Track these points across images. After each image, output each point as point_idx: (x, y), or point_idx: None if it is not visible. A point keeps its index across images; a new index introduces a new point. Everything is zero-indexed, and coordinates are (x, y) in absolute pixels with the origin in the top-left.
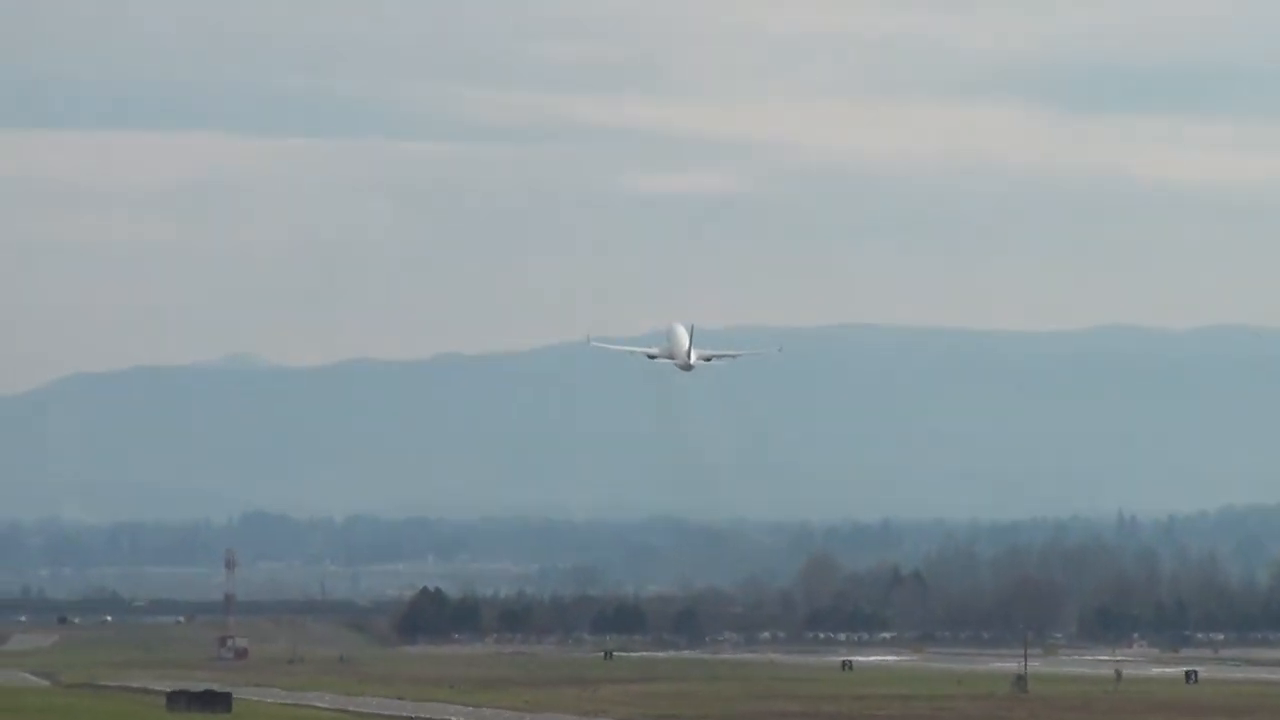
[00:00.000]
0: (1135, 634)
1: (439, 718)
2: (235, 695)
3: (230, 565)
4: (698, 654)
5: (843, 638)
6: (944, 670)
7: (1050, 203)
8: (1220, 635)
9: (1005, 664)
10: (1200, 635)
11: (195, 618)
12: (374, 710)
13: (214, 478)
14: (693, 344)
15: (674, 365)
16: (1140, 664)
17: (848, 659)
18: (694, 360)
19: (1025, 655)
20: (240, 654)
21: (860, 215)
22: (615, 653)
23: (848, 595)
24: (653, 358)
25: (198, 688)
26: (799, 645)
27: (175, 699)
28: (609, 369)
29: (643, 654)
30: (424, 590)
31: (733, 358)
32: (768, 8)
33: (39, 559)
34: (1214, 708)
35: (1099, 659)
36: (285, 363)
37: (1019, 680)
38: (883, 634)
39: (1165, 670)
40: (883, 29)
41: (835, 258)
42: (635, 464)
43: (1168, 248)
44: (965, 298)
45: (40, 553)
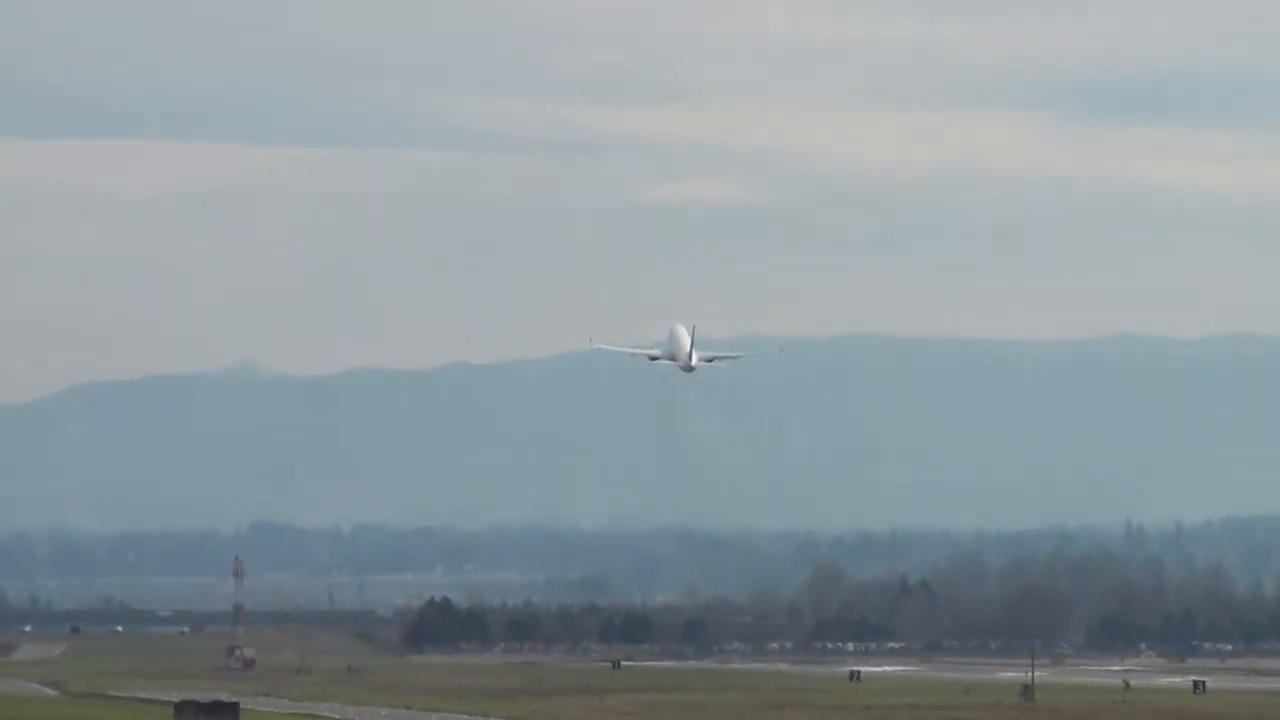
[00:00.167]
0: (1142, 643)
1: None
2: (243, 705)
3: (238, 575)
4: (705, 664)
5: (850, 648)
6: (951, 680)
7: (1059, 212)
8: (1228, 645)
9: (1012, 674)
10: (1207, 645)
11: (204, 628)
12: None
13: (222, 487)
14: (694, 345)
15: (676, 366)
16: (1147, 674)
17: (855, 669)
18: (695, 362)
19: (1033, 665)
20: (248, 664)
21: (867, 224)
22: (623, 662)
23: (855, 605)
24: (654, 359)
25: (206, 698)
26: (807, 655)
27: (183, 709)
28: (617, 379)
29: (650, 664)
30: (432, 600)
31: (734, 359)
32: (774, 17)
33: (46, 568)
34: (1221, 717)
35: (1106, 669)
36: (293, 372)
37: (1026, 690)
38: (890, 644)
39: (1172, 680)
40: (889, 38)
41: (841, 266)
42: (643, 474)
43: (1174, 256)
44: (972, 307)
45: (48, 562)
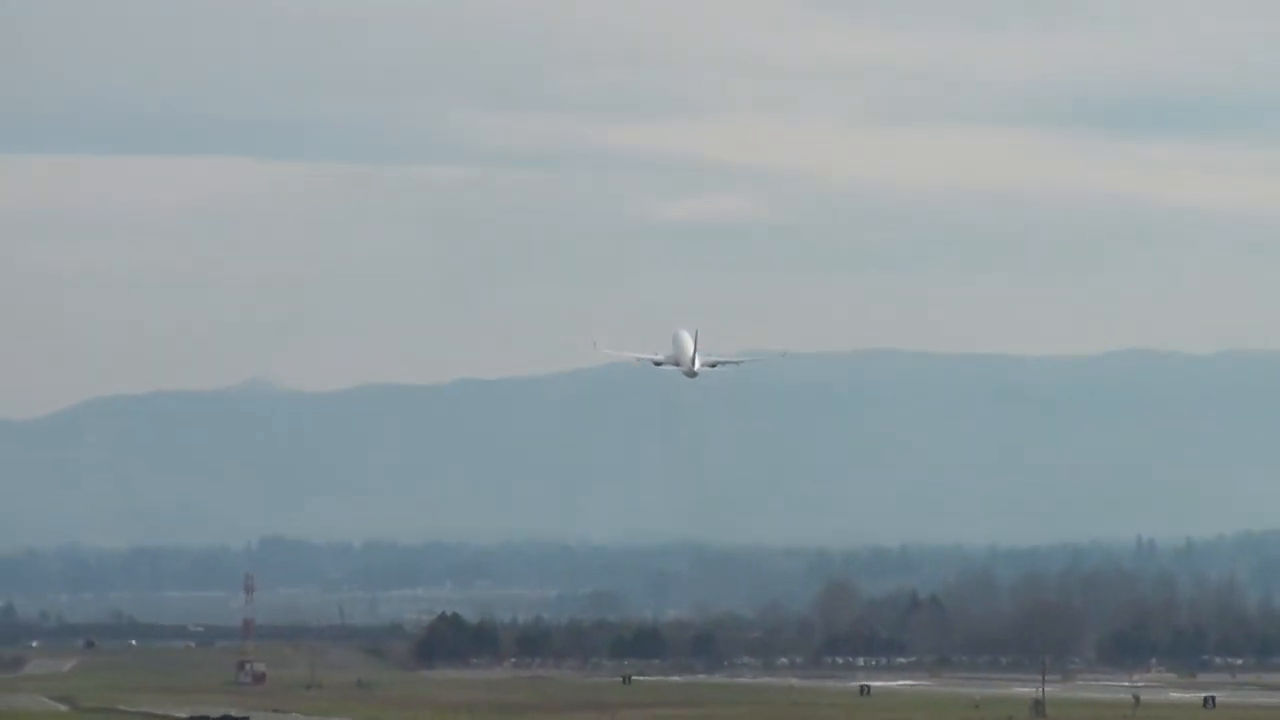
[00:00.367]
0: (1153, 659)
1: None
2: None
3: (249, 590)
4: (716, 679)
5: (861, 663)
6: (962, 695)
7: (1070, 228)
8: (1238, 660)
9: (1023, 689)
10: (1218, 660)
11: (214, 643)
12: None
13: (233, 503)
14: (697, 350)
15: (680, 371)
16: (1158, 689)
17: (866, 684)
18: (698, 366)
19: (1043, 680)
20: (259, 679)
21: (878, 239)
22: (634, 677)
23: (866, 620)
24: (658, 364)
25: (216, 713)
26: (817, 670)
27: None
28: (629, 395)
29: (661, 679)
30: (442, 615)
31: (736, 364)
32: (786, 34)
33: (58, 584)
34: None
35: (1117, 684)
36: (304, 388)
37: (1037, 705)
38: (900, 659)
39: (1183, 695)
40: (901, 55)
41: (849, 282)
42: (654, 489)
43: (1184, 272)
44: (982, 322)
45: (60, 577)
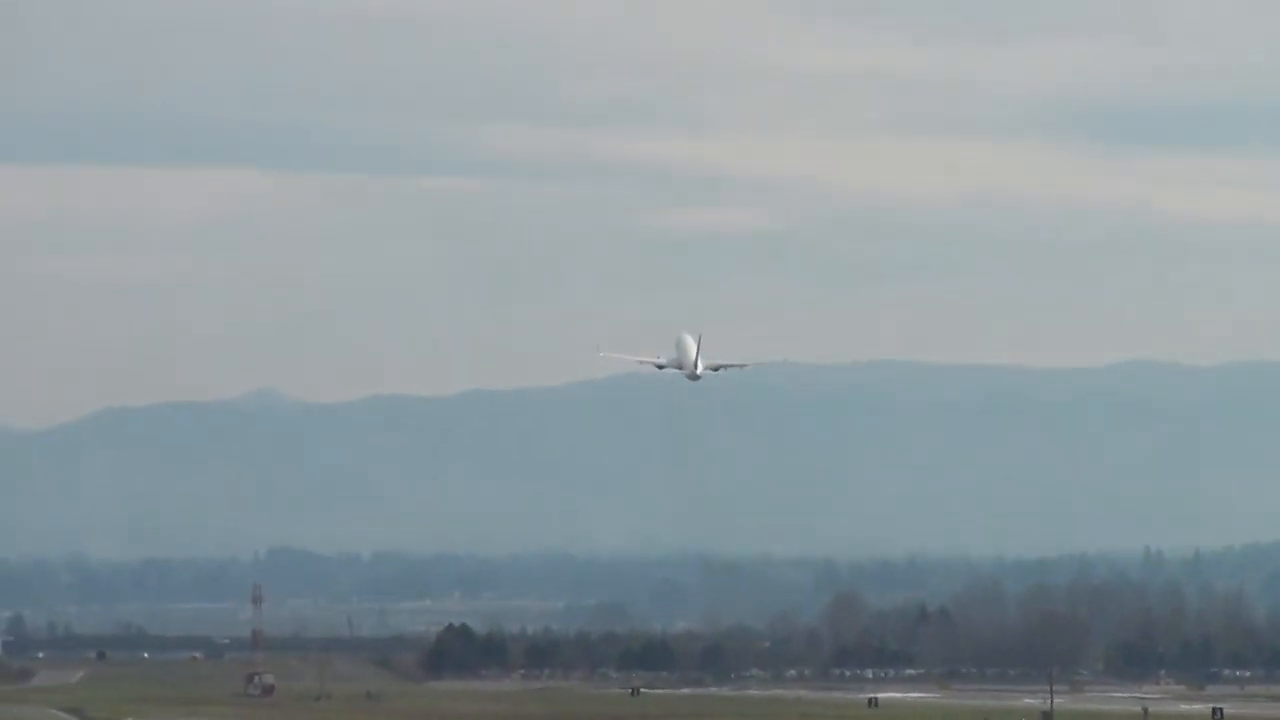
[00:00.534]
0: (1161, 670)
1: None
2: None
3: (257, 601)
4: (724, 690)
5: (869, 674)
6: (970, 707)
7: (1075, 239)
8: (1246, 672)
9: (1031, 700)
10: (1227, 672)
11: (223, 655)
12: None
13: (241, 514)
14: (700, 353)
15: (683, 375)
16: (1166, 701)
17: (874, 696)
18: (701, 370)
19: (1051, 692)
20: (267, 690)
21: (887, 252)
22: (642, 689)
23: (874, 632)
24: (661, 367)
25: None
26: (825, 682)
27: None
28: (636, 406)
29: (669, 690)
30: (450, 626)
31: (740, 367)
32: (796, 44)
33: (67, 595)
34: None
35: (1125, 696)
36: (312, 399)
37: (1045, 717)
38: (909, 670)
39: (1191, 707)
40: (911, 66)
41: (861, 294)
42: (662, 501)
43: (1191, 283)
44: (990, 333)
45: (68, 589)
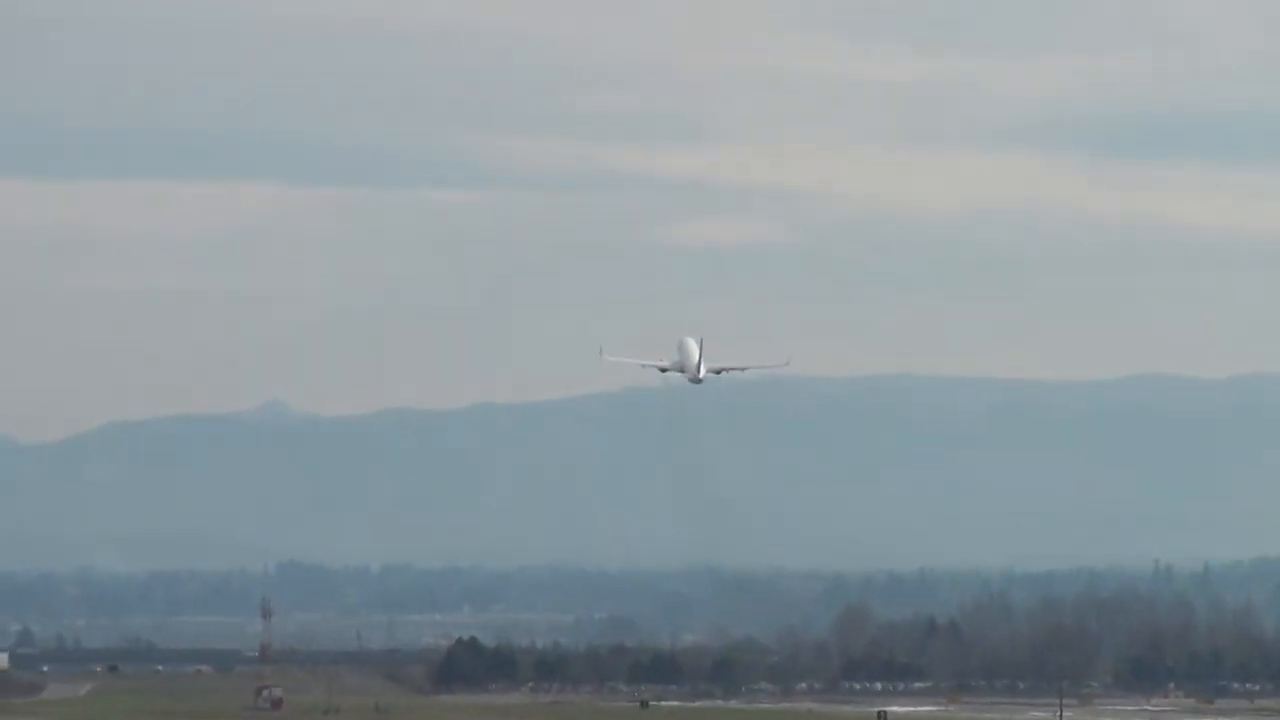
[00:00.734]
0: (1170, 684)
1: None
2: None
3: (266, 615)
4: (733, 704)
5: (878, 687)
6: None
7: (1086, 251)
8: (1256, 685)
9: (1040, 713)
10: (1236, 685)
11: (232, 668)
12: None
13: (250, 527)
14: (702, 357)
15: (685, 378)
16: (1175, 714)
17: (883, 709)
18: (703, 373)
19: (1060, 705)
20: (276, 704)
21: (897, 264)
22: (651, 702)
23: (883, 645)
24: (664, 370)
25: None
26: (835, 695)
27: None
28: (645, 418)
29: (679, 704)
30: (460, 640)
31: (741, 371)
32: (801, 56)
33: (74, 608)
34: None
35: (1134, 709)
36: (321, 412)
37: None
38: (918, 683)
39: None
40: (918, 77)
41: (866, 306)
42: (671, 514)
43: (1201, 295)
44: (1000, 347)
45: (76, 602)
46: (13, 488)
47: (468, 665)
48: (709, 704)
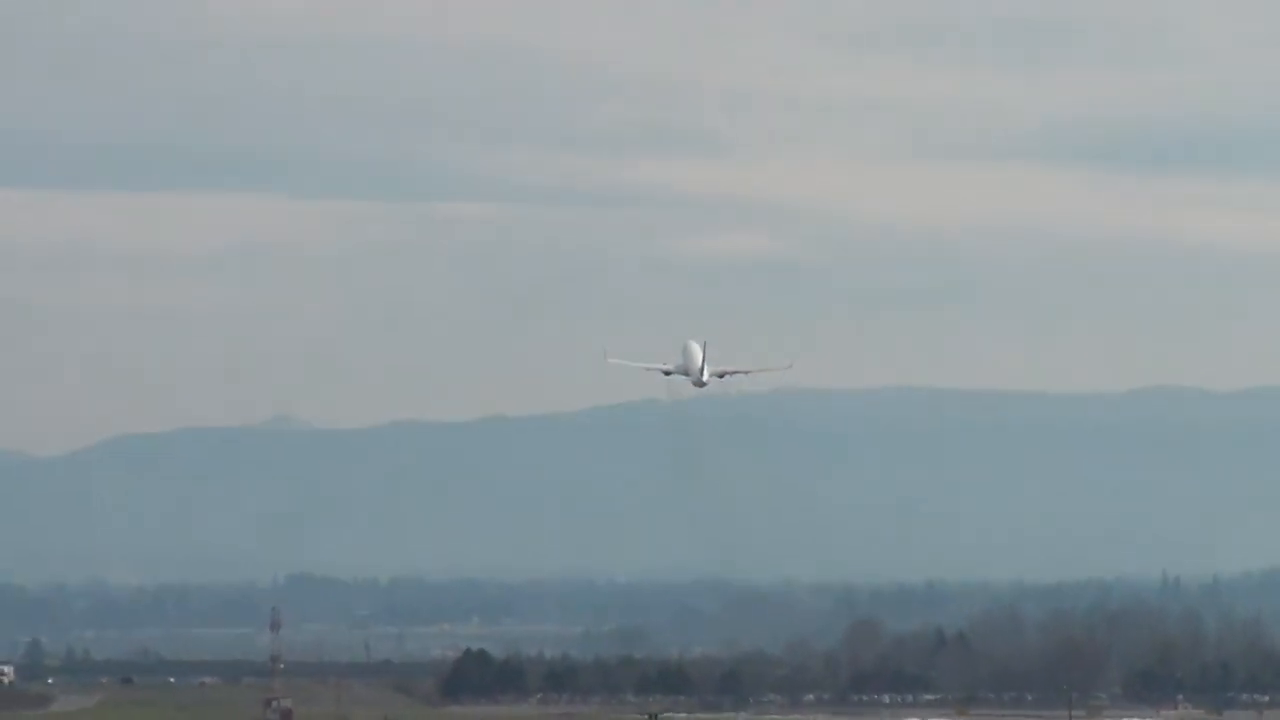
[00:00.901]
0: (1179, 695)
1: None
2: None
3: (275, 626)
4: (742, 716)
5: (887, 700)
6: None
7: (1094, 265)
8: (1265, 697)
9: None
10: (1245, 697)
11: (240, 679)
12: None
13: (259, 539)
14: (706, 360)
15: (688, 381)
16: None
17: None
18: (707, 377)
19: (1070, 717)
20: (285, 715)
21: (902, 277)
22: (660, 714)
23: (892, 657)
24: (668, 374)
25: None
26: (844, 707)
27: None
28: (654, 431)
29: (688, 715)
30: (469, 651)
31: (745, 374)
32: (810, 70)
33: (84, 621)
34: None
35: None
36: (330, 425)
37: None
38: (927, 696)
39: None
40: (930, 93)
41: (876, 319)
42: (680, 527)
43: (1210, 308)
44: (1008, 360)
45: (86, 614)
46: (24, 501)
47: (477, 677)
48: (718, 715)
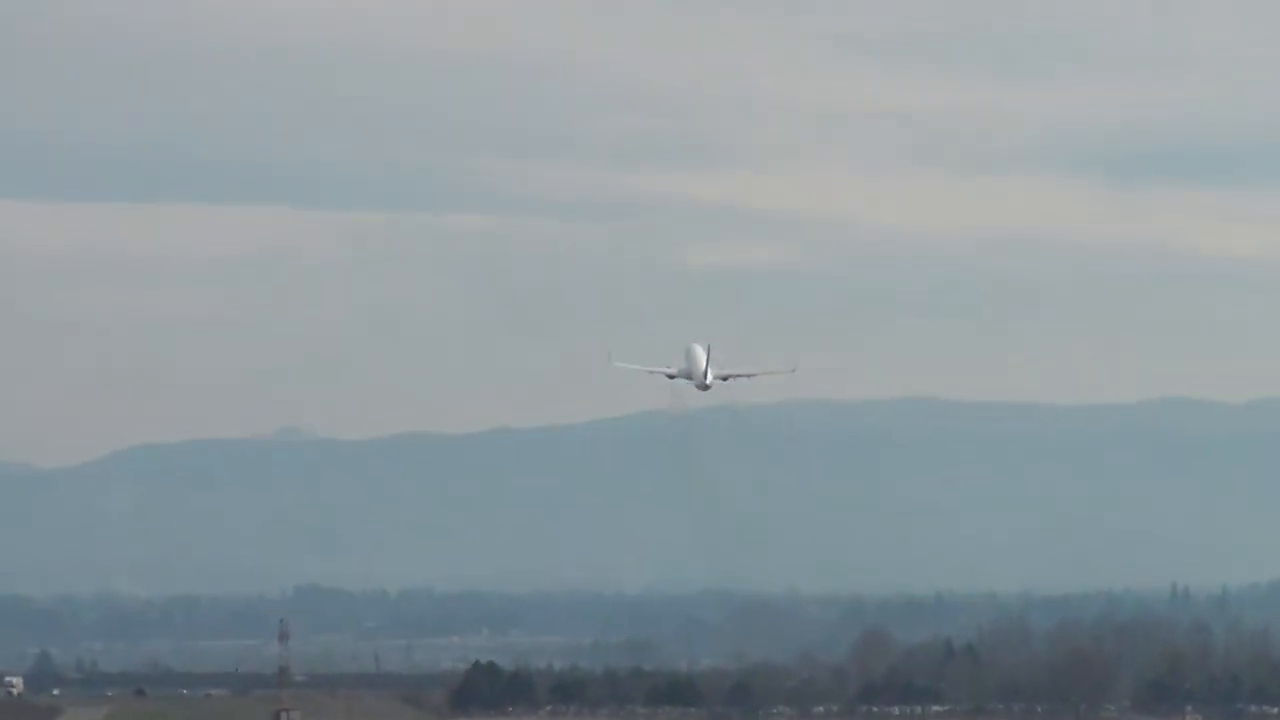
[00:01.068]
0: (1188, 707)
1: None
2: None
3: (284, 638)
4: None
5: (896, 711)
6: None
7: (1103, 276)
8: (1274, 708)
9: None
10: (1254, 708)
11: (250, 691)
12: None
13: (268, 551)
14: (709, 364)
15: (692, 385)
16: None
17: None
18: (710, 380)
19: None
20: None
21: (909, 287)
22: None
23: (901, 669)
24: (672, 377)
25: None
26: (852, 719)
27: None
28: (660, 442)
29: None
30: (478, 663)
31: (749, 377)
32: (818, 81)
33: (93, 633)
34: None
35: None
36: (338, 436)
37: None
38: (936, 707)
39: None
40: (933, 103)
41: (883, 329)
42: (688, 538)
43: (1219, 319)
44: (1017, 370)
45: (94, 626)
46: (32, 512)
47: (486, 688)
48: None
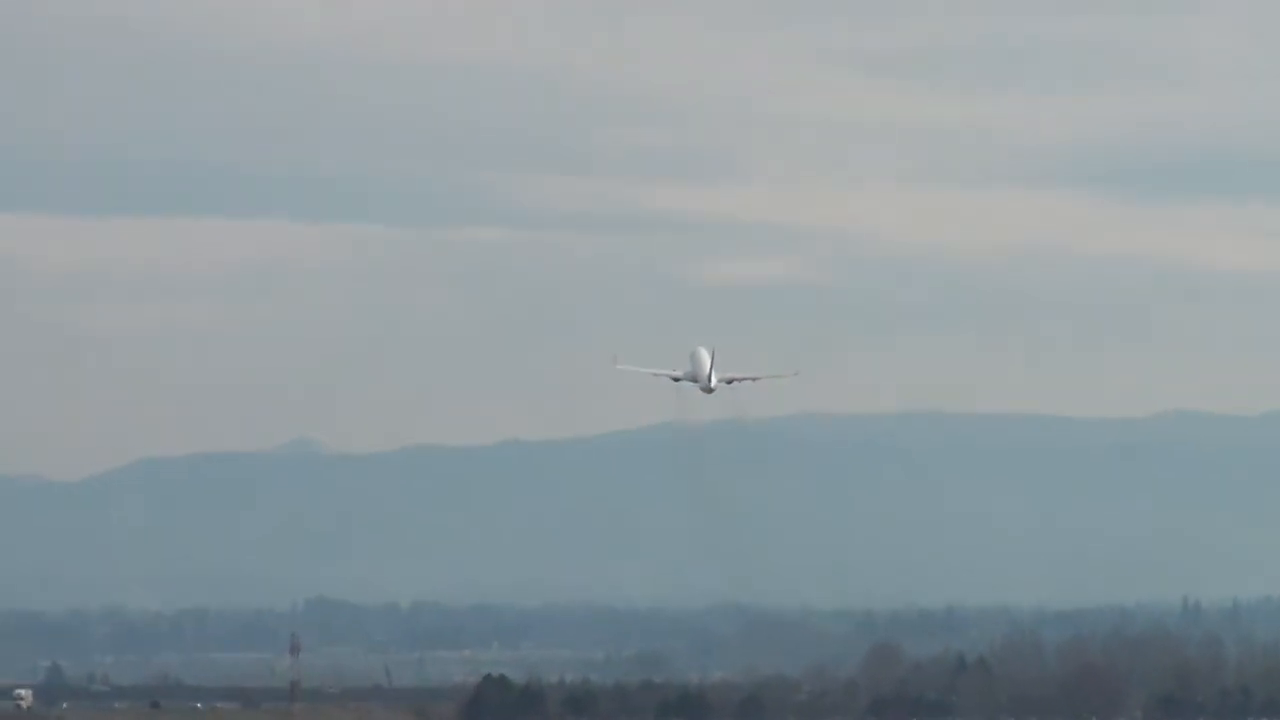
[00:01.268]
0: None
1: None
2: None
3: (295, 651)
4: None
5: None
6: None
7: (1114, 290)
8: None
9: None
10: None
11: (259, 704)
12: None
13: (278, 564)
14: (714, 367)
15: (697, 388)
16: None
17: None
18: (715, 383)
19: None
20: None
21: (919, 300)
22: None
23: (912, 682)
24: (676, 380)
25: None
26: None
27: None
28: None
29: None
30: (489, 676)
31: (753, 380)
32: (829, 96)
33: (103, 646)
34: None
35: None
36: (349, 449)
37: None
38: None
39: None
40: (944, 117)
41: (893, 342)
42: (699, 551)
43: (1229, 334)
44: (1029, 384)
45: (104, 640)
46: (41, 526)
47: (497, 702)
48: None
